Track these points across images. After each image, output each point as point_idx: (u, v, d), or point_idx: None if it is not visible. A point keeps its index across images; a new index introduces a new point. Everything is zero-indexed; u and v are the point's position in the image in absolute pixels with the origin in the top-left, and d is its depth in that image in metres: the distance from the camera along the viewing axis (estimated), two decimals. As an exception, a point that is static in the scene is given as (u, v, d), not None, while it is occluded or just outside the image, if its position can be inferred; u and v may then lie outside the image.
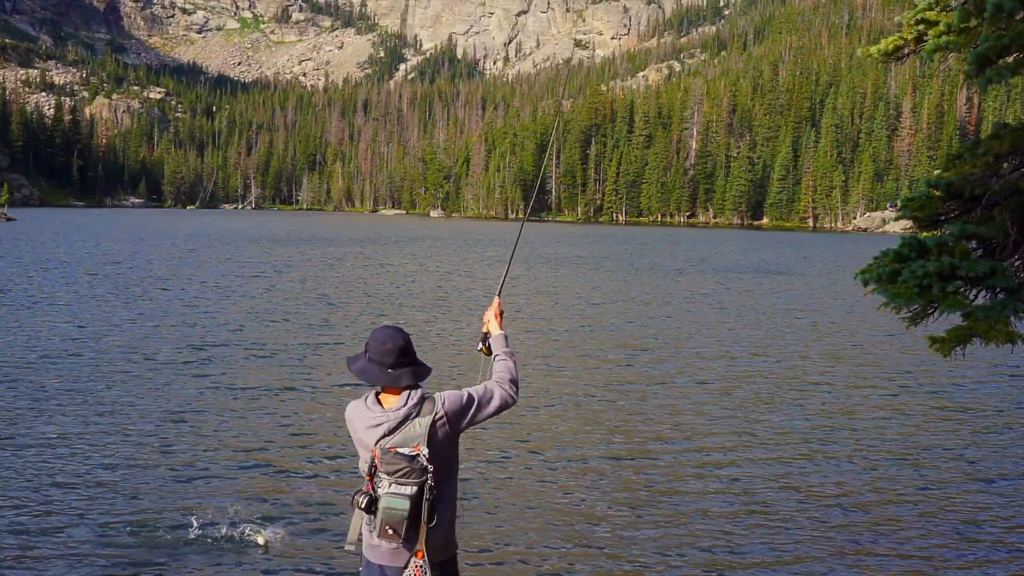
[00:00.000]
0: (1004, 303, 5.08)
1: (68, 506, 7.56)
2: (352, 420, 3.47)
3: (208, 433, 9.96)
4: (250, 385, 12.57)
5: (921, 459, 9.79)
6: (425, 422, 3.35)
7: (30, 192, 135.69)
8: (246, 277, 29.41)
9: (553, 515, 7.74)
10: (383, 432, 3.33)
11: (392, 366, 3.41)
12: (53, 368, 13.30)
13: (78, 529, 7.09)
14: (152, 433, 9.89)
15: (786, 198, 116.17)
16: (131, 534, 7.04)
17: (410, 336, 3.56)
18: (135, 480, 8.31)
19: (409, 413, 3.35)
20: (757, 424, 11.15)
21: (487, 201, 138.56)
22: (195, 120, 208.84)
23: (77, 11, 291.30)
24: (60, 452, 9.07)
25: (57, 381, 12.38)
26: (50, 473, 8.39)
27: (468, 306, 23.06)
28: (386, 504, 3.28)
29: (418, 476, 3.28)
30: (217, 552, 6.75)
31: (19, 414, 10.52)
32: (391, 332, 3.47)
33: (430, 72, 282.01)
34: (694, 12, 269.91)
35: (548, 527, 7.48)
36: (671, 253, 51.40)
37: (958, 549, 7.24)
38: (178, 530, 7.10)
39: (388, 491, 3.29)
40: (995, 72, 5.04)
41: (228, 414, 10.85)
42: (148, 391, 11.94)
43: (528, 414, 11.28)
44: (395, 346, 3.42)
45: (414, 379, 3.44)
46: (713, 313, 23.00)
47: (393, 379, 3.41)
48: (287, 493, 8.10)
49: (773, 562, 6.90)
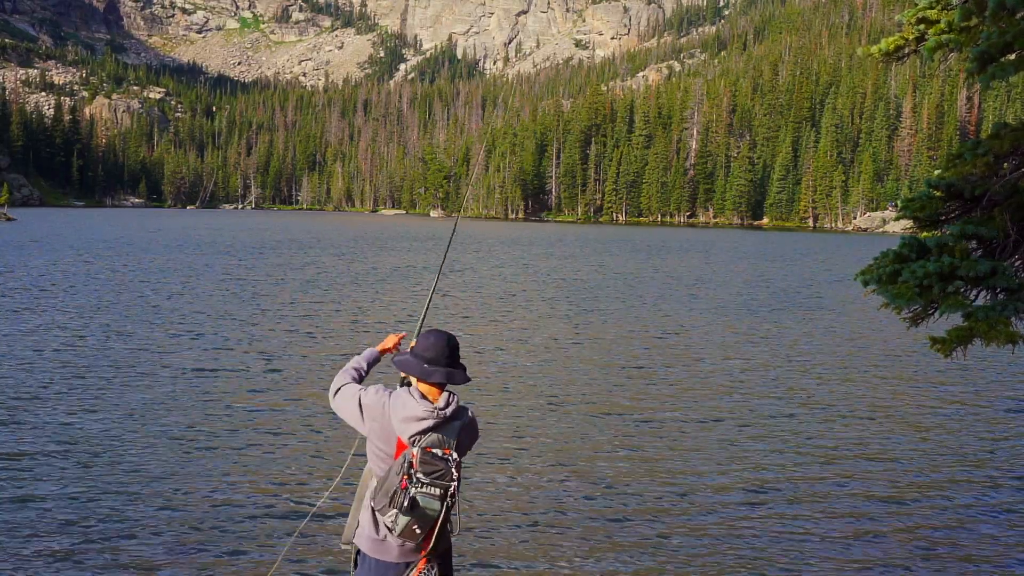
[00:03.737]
0: (1004, 303, 5.05)
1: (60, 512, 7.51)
2: (386, 408, 3.48)
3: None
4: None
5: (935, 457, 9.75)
6: (457, 426, 3.47)
7: (30, 192, 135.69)
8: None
9: (552, 517, 7.71)
10: (425, 427, 3.38)
11: (448, 364, 3.52)
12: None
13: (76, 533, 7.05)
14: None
15: (786, 198, 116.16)
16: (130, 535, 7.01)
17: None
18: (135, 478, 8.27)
19: (454, 414, 3.46)
20: (762, 421, 11.12)
21: (487, 201, 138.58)
22: (195, 120, 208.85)
23: (77, 11, 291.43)
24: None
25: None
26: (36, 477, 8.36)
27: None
28: (424, 504, 3.31)
29: (448, 479, 3.33)
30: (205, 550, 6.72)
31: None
32: (447, 334, 3.60)
33: (430, 72, 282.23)
34: (694, 12, 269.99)
35: (545, 529, 7.44)
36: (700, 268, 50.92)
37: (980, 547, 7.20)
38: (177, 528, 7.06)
39: (422, 491, 3.31)
40: (998, 69, 5.00)
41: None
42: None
43: (531, 417, 11.24)
44: (453, 345, 3.56)
45: (465, 379, 3.55)
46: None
47: (449, 376, 3.50)
48: (267, 490, 8.06)
49: (772, 560, 6.87)
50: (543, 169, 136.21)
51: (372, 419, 3.52)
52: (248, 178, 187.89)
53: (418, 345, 3.56)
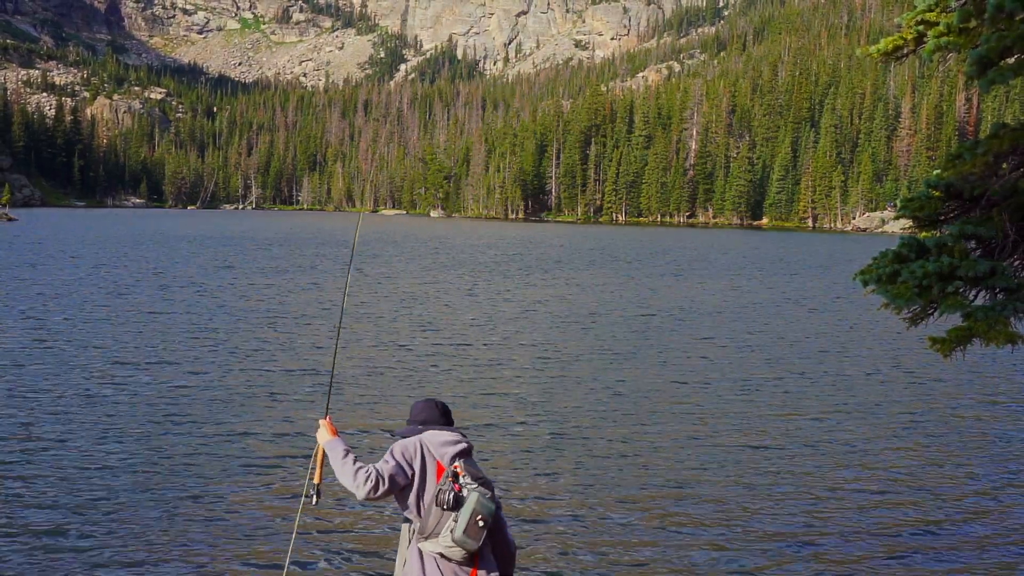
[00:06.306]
0: (1004, 303, 5.08)
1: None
2: (420, 443, 3.80)
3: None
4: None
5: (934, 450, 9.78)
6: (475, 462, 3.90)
7: (31, 192, 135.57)
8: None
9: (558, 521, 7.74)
10: (461, 449, 3.80)
11: (441, 422, 3.97)
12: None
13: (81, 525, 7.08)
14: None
15: (785, 198, 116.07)
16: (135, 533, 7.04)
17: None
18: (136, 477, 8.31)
19: (471, 447, 3.91)
20: (766, 419, 11.15)
21: (487, 201, 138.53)
22: (196, 120, 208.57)
23: (78, 12, 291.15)
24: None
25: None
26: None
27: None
28: (479, 495, 3.61)
29: (491, 487, 3.71)
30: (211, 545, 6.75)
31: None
32: (433, 400, 4.05)
33: (430, 72, 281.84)
34: (694, 12, 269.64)
35: (551, 533, 7.48)
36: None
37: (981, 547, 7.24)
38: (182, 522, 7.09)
39: (475, 488, 3.64)
40: (997, 73, 5.04)
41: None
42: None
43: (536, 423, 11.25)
44: (443, 407, 3.99)
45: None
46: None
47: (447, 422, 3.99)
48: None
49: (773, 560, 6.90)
50: (543, 169, 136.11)
51: (412, 457, 3.76)
52: (249, 178, 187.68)
53: (411, 416, 3.97)
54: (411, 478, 3.71)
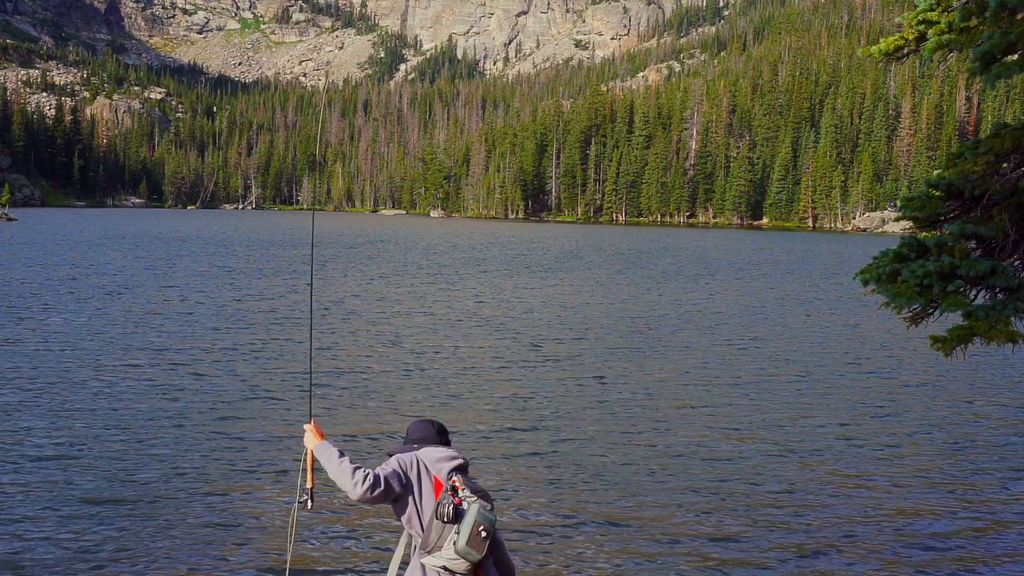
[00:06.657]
0: (1004, 303, 5.07)
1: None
2: (417, 458, 3.82)
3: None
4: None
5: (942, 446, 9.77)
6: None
7: (31, 192, 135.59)
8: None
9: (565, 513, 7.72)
10: (458, 464, 3.81)
11: (437, 443, 3.95)
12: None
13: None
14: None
15: (786, 198, 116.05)
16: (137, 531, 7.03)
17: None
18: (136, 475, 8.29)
19: (467, 463, 3.92)
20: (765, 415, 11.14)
21: (487, 201, 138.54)
22: (195, 120, 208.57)
23: (78, 12, 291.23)
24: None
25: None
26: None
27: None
28: (479, 507, 3.63)
29: (490, 500, 3.73)
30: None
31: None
32: (429, 420, 4.06)
33: (430, 72, 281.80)
34: (694, 12, 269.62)
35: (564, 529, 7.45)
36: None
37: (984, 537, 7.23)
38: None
39: (474, 500, 3.66)
40: (1002, 69, 5.03)
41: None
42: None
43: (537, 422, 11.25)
44: (439, 427, 3.99)
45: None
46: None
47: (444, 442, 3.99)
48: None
49: (774, 559, 6.89)
50: (543, 169, 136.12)
51: (408, 468, 3.77)
52: (249, 178, 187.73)
53: (407, 436, 3.98)
54: (406, 488, 3.72)
